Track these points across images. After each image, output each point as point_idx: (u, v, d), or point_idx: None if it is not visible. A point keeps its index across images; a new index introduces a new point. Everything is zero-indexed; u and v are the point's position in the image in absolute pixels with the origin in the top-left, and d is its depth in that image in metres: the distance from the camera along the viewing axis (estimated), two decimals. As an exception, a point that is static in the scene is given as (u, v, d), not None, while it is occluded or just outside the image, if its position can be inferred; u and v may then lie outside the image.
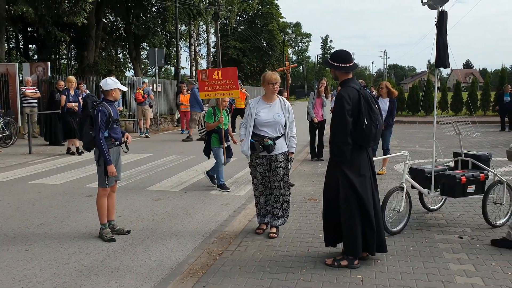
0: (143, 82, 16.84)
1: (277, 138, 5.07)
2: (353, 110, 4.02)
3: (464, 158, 5.66)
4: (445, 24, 5.09)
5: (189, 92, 15.89)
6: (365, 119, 4.01)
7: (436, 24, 5.13)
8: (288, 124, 5.13)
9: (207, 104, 17.33)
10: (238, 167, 9.76)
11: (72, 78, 11.89)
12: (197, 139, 14.92)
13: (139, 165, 10.00)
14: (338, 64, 4.21)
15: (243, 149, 5.12)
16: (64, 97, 11.47)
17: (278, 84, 5.14)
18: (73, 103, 11.48)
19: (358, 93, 4.07)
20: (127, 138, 5.32)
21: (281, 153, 5.08)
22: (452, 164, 5.88)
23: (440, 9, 5.11)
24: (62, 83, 12.39)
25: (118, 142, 5.20)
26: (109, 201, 5.28)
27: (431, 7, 5.18)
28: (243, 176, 8.79)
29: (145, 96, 16.24)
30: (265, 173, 5.13)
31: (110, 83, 5.14)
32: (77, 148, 11.51)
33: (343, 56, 4.22)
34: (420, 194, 5.81)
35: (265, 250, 4.66)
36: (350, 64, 4.21)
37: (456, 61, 26.56)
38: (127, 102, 18.03)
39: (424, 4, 5.21)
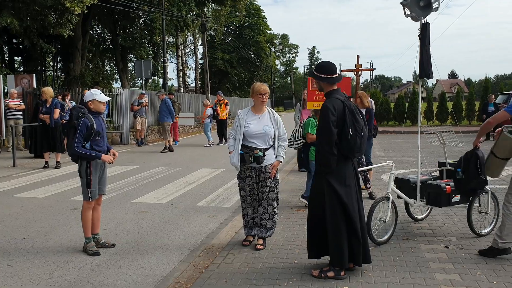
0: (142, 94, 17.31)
1: (266, 149, 5.05)
2: (338, 121, 4.04)
3: (449, 168, 5.69)
4: (428, 35, 5.16)
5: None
6: (350, 130, 4.03)
7: (419, 36, 5.19)
8: (277, 136, 5.10)
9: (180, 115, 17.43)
10: (225, 179, 9.73)
11: (45, 89, 11.58)
12: (161, 152, 14.89)
13: (125, 178, 9.92)
14: (322, 75, 4.23)
15: (232, 161, 5.03)
16: (40, 109, 11.32)
17: (267, 95, 5.10)
18: (45, 115, 11.18)
19: (343, 104, 4.10)
20: (113, 155, 5.22)
21: (270, 164, 5.06)
22: (437, 173, 5.92)
23: (423, 21, 5.17)
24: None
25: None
26: (94, 214, 5.20)
27: (414, 18, 5.25)
28: (230, 188, 8.76)
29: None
30: (253, 185, 5.09)
31: (87, 95, 5.07)
32: (46, 162, 11.33)
33: (328, 68, 4.25)
34: (406, 204, 5.83)
35: (252, 262, 4.63)
36: (335, 76, 4.23)
37: (439, 72, 26.95)
38: (113, 114, 17.97)
39: (407, 16, 5.27)
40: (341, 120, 4.04)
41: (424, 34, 5.14)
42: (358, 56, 7.80)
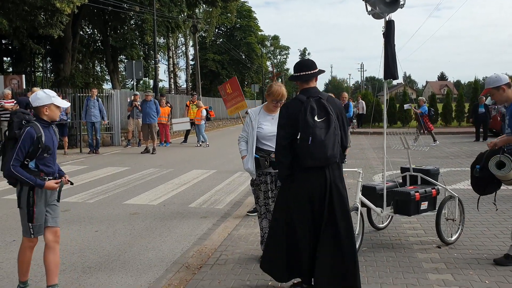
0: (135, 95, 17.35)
1: None
2: (292, 123, 3.62)
3: (413, 174, 5.41)
4: (393, 34, 4.85)
5: (155, 103, 15.88)
6: (299, 133, 3.57)
7: (383, 34, 4.87)
8: None
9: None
10: (217, 180, 9.70)
11: (35, 89, 11.46)
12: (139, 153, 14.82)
13: (116, 179, 9.84)
14: (293, 75, 3.87)
15: (246, 167, 4.53)
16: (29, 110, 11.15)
17: (283, 101, 4.58)
18: None
19: (302, 105, 3.63)
20: (65, 180, 4.00)
21: None
22: (400, 179, 5.58)
23: (387, 18, 4.87)
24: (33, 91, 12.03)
25: (51, 178, 3.83)
26: (51, 257, 3.81)
27: (377, 16, 4.94)
28: (222, 189, 8.74)
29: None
30: (267, 193, 4.63)
31: (41, 97, 3.80)
32: None
33: (296, 66, 3.89)
34: (369, 211, 5.44)
35: (245, 263, 4.61)
36: (297, 74, 3.80)
37: (404, 72, 27.04)
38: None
39: (369, 13, 4.95)
40: (295, 122, 3.60)
41: (389, 32, 4.81)
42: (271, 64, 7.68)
